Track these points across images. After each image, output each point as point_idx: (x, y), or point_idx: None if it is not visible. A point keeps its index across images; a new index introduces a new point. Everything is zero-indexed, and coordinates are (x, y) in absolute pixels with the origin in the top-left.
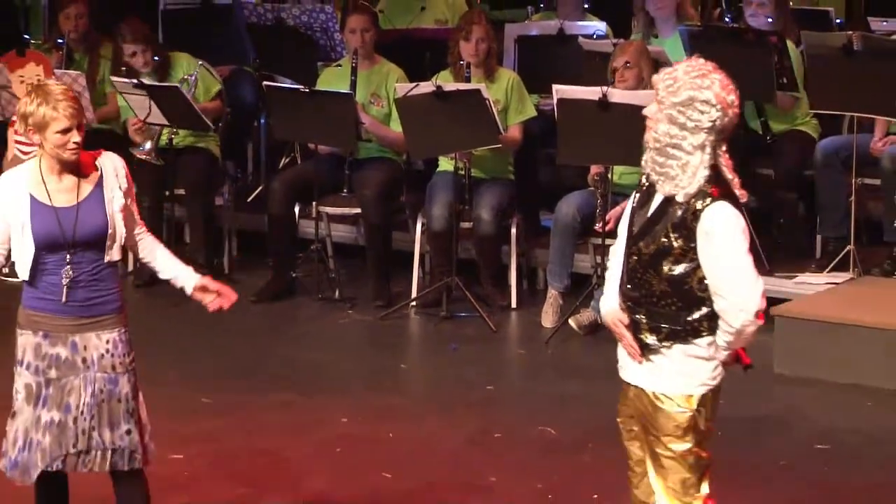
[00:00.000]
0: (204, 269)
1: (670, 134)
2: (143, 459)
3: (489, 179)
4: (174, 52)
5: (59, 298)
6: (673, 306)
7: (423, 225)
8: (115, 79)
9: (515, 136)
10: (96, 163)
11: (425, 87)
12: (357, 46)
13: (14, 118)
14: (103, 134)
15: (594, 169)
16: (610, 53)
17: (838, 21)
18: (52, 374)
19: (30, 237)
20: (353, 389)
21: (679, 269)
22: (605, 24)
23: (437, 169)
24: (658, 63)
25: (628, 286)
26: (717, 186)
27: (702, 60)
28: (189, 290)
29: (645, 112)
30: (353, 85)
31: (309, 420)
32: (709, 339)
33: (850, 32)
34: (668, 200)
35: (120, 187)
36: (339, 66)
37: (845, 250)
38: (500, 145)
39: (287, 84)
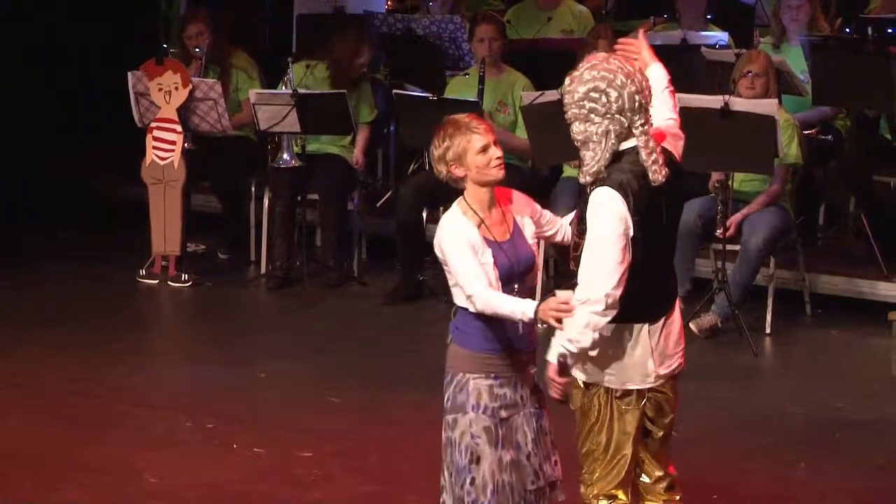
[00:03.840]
0: (335, 272)
1: (579, 130)
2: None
3: None
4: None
5: (512, 337)
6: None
7: None
8: (252, 91)
9: None
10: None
11: (551, 95)
12: (485, 55)
13: (153, 125)
14: (238, 140)
15: (715, 176)
16: (732, 63)
17: None
18: (503, 413)
19: (495, 277)
20: None
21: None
22: (727, 34)
23: (562, 175)
24: (780, 72)
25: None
26: (613, 170)
27: (597, 53)
28: None
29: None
30: (481, 93)
31: (439, 418)
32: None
33: None
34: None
35: (523, 212)
36: (467, 74)
37: None
38: None
39: (416, 92)
